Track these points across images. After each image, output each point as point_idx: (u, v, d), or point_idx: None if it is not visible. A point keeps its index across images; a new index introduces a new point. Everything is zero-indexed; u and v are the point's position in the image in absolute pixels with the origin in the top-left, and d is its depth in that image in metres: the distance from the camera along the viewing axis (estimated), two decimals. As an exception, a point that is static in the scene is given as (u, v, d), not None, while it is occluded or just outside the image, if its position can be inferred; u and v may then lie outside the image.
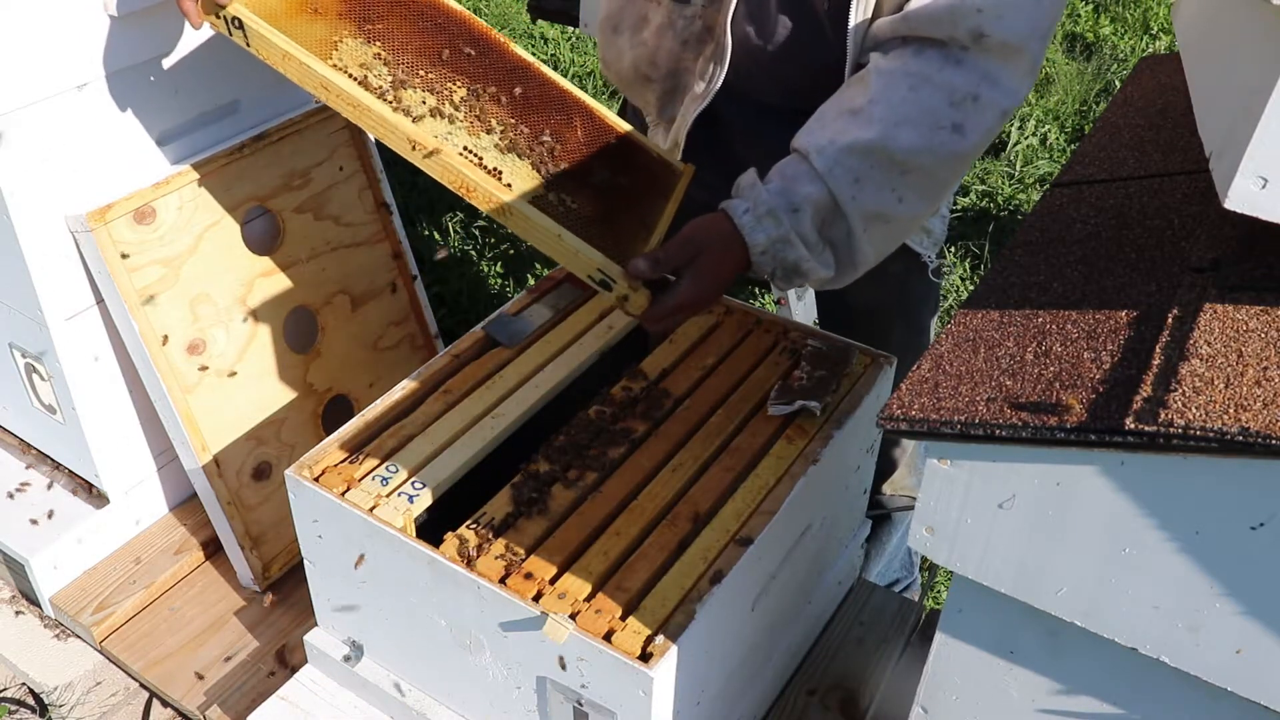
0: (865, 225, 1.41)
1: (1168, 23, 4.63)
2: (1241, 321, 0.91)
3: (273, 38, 1.35)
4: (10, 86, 1.42)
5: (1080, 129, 4.04)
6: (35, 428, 1.82)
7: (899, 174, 1.38)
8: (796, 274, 1.44)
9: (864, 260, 1.46)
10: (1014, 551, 0.93)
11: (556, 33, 4.61)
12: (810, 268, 1.43)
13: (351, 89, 1.36)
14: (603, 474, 1.38)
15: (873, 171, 1.38)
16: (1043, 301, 1.04)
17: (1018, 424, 0.87)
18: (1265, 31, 0.90)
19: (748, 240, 1.40)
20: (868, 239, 1.43)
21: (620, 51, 1.72)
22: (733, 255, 1.40)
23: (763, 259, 1.41)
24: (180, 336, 1.64)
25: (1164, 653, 0.90)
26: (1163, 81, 1.46)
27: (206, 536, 1.81)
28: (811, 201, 1.39)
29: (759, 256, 1.40)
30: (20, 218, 1.49)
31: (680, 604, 1.22)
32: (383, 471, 1.37)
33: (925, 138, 1.36)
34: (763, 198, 1.39)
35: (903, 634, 1.68)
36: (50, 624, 1.76)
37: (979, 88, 1.36)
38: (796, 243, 1.40)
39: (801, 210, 1.39)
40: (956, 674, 1.06)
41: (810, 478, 1.38)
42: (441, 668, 1.38)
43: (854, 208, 1.39)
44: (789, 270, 1.43)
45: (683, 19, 1.59)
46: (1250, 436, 0.78)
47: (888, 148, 1.36)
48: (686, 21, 1.59)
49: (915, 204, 1.41)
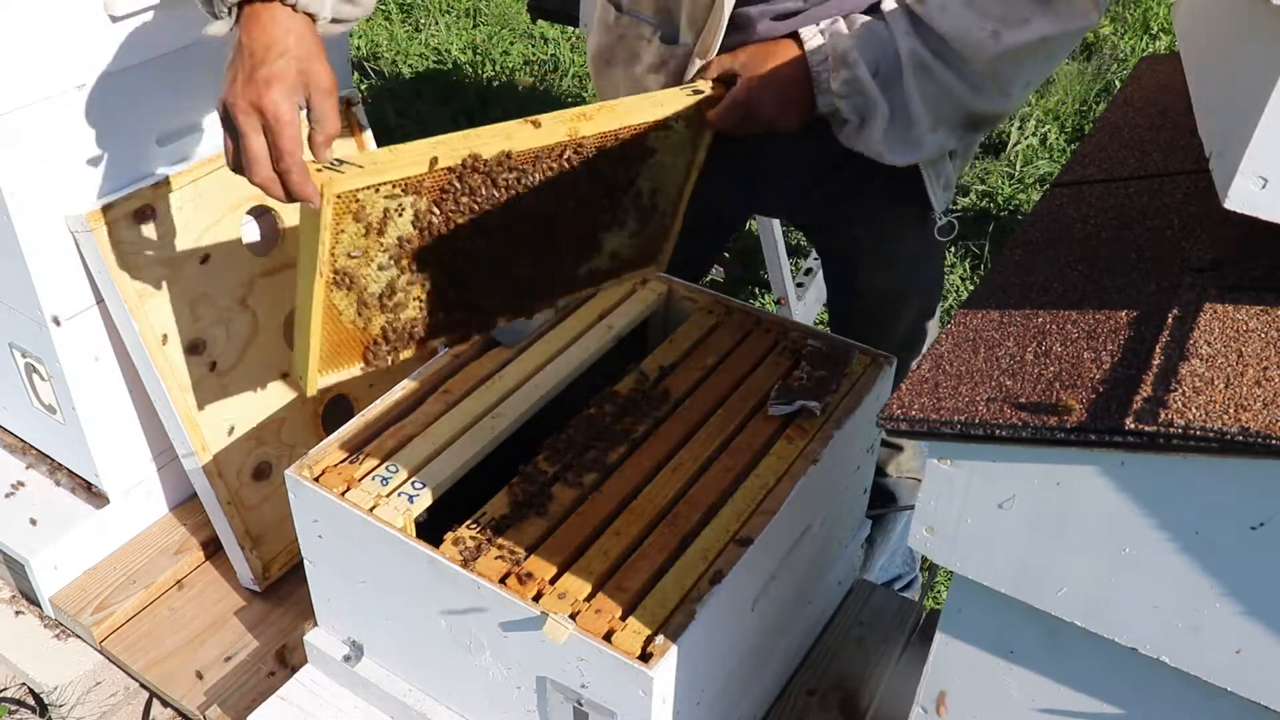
0: (914, 69, 1.45)
1: (1168, 23, 4.63)
2: (1241, 321, 0.91)
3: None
4: (10, 86, 1.42)
5: (1080, 129, 4.04)
6: (35, 428, 1.82)
7: (942, 42, 1.44)
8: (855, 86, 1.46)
9: (915, 111, 1.48)
10: (1014, 551, 0.93)
11: (556, 32, 4.61)
12: (863, 74, 1.45)
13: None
14: (603, 474, 1.38)
15: (922, 29, 1.44)
16: (1043, 301, 1.04)
17: (1018, 424, 0.87)
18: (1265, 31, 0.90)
19: (801, 34, 1.46)
20: (916, 85, 1.46)
21: (615, 83, 1.72)
22: (786, 45, 1.47)
23: (816, 55, 1.45)
24: (180, 336, 1.63)
25: (1164, 653, 0.90)
26: (1163, 81, 1.46)
27: (206, 536, 1.81)
28: (869, 26, 1.45)
29: (813, 54, 1.45)
30: (20, 218, 1.49)
31: (680, 604, 1.22)
32: (383, 471, 1.37)
33: (962, 30, 1.43)
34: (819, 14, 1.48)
35: (903, 634, 1.68)
36: (50, 624, 1.76)
37: (1033, 13, 1.42)
38: (846, 37, 1.45)
39: (855, 23, 1.46)
40: (956, 674, 1.06)
41: (810, 478, 1.38)
42: (441, 668, 1.38)
43: (905, 43, 1.45)
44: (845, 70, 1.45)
45: (674, 58, 1.60)
46: (1250, 436, 0.78)
47: (928, 23, 1.43)
48: (678, 60, 1.60)
49: (958, 76, 1.46)
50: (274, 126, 1.21)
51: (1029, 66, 1.47)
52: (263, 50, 1.22)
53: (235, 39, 1.25)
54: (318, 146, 1.26)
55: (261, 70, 1.21)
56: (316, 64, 1.25)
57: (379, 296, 1.32)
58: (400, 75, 4.37)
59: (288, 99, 1.21)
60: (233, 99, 1.22)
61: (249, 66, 1.22)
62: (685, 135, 1.48)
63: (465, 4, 4.94)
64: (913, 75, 1.46)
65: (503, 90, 4.25)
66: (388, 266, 1.29)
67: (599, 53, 1.74)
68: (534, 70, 4.40)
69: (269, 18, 1.24)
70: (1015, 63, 1.45)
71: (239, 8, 1.25)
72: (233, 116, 1.22)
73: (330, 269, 1.25)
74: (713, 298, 1.68)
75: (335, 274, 1.25)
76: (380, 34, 4.67)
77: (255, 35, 1.23)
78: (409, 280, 1.33)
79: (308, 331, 1.28)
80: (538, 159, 1.33)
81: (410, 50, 4.52)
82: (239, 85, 1.22)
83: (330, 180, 1.18)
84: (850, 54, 1.45)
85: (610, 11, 1.70)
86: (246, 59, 1.22)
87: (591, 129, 1.36)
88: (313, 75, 1.24)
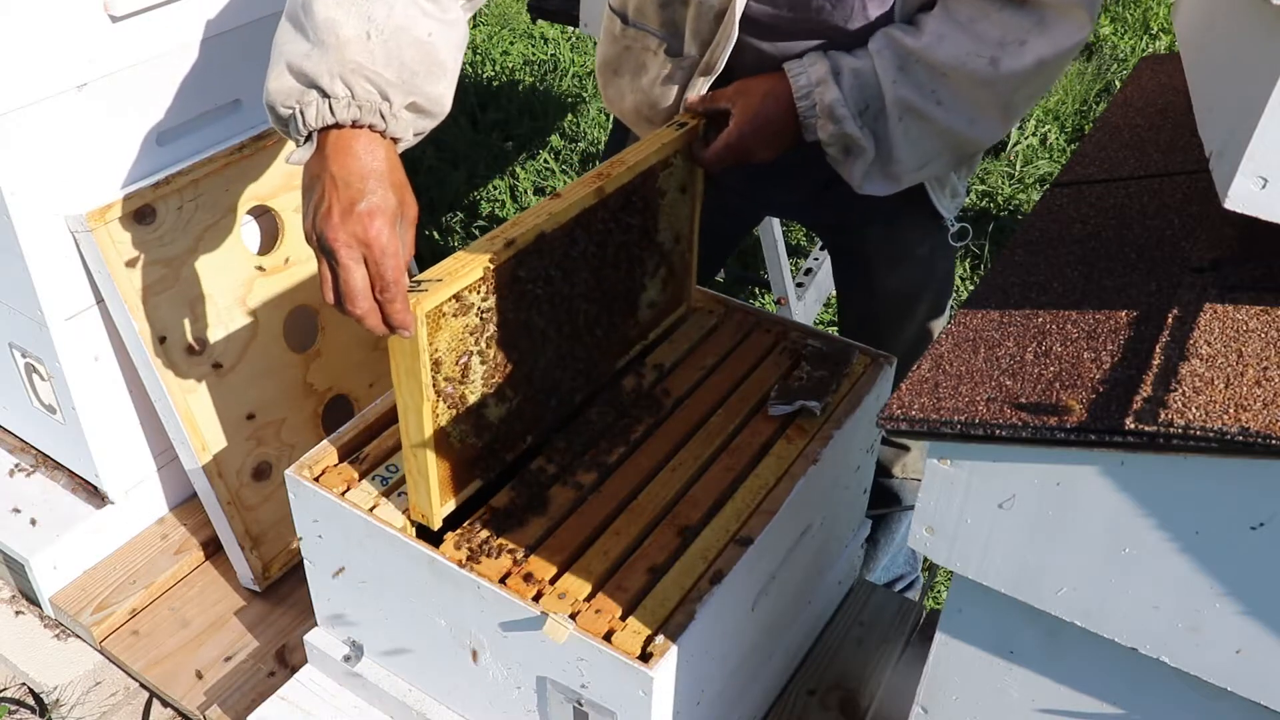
0: (900, 113, 1.45)
1: (1168, 23, 4.63)
2: (1241, 321, 0.91)
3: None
4: (10, 86, 1.42)
5: (1080, 129, 4.04)
6: (35, 428, 1.82)
7: (939, 76, 1.44)
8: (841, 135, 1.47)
9: (899, 154, 1.49)
10: (1014, 551, 0.93)
11: (556, 32, 4.61)
12: (850, 128, 1.46)
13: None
14: (603, 474, 1.38)
15: (915, 67, 1.44)
16: (1043, 301, 1.04)
17: (1018, 424, 0.87)
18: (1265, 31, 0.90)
19: (790, 77, 1.46)
20: (902, 130, 1.47)
21: (621, 93, 1.73)
22: (777, 88, 1.47)
23: (804, 103, 1.46)
24: (180, 336, 1.64)
25: (1164, 653, 0.90)
26: (1163, 81, 1.46)
27: (206, 536, 1.81)
28: (854, 69, 1.45)
29: (801, 100, 1.46)
30: (20, 218, 1.49)
31: (680, 604, 1.22)
32: (383, 471, 1.37)
33: (960, 59, 1.42)
34: (810, 57, 1.47)
35: (903, 634, 1.68)
36: (50, 624, 1.76)
37: (1029, 34, 1.41)
38: (834, 88, 1.45)
39: (843, 73, 1.45)
40: (956, 674, 1.06)
41: (810, 478, 1.38)
42: (441, 668, 1.38)
43: (892, 91, 1.44)
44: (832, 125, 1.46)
45: (680, 70, 1.60)
46: (1250, 436, 0.78)
47: (927, 57, 1.42)
48: (684, 72, 1.60)
49: (952, 111, 1.46)
50: (380, 260, 1.17)
51: (1025, 92, 1.47)
52: (360, 181, 1.18)
53: (317, 168, 1.21)
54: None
55: (363, 203, 1.17)
56: (409, 194, 1.23)
57: (477, 406, 1.31)
58: (400, 75, 4.35)
59: (391, 229, 1.18)
60: (332, 232, 1.17)
61: (347, 199, 1.17)
62: (683, 169, 1.51)
63: (465, 4, 4.93)
64: (899, 121, 1.46)
65: (503, 90, 4.25)
66: (476, 370, 1.29)
67: (606, 63, 1.75)
68: (534, 70, 4.39)
69: (360, 146, 1.20)
70: (1013, 89, 1.45)
71: (320, 132, 1.21)
72: (332, 250, 1.17)
73: (434, 391, 1.24)
74: (713, 298, 1.68)
75: (438, 395, 1.25)
76: (380, 34, 4.65)
77: (349, 165, 1.19)
78: (497, 382, 1.32)
79: (425, 462, 1.27)
80: (574, 229, 1.34)
81: (410, 50, 4.51)
82: (337, 218, 1.17)
83: (418, 301, 1.17)
84: (837, 108, 1.45)
85: (616, 23, 1.70)
86: (342, 190, 1.18)
87: (614, 185, 1.37)
88: (406, 206, 1.22)
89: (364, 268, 1.18)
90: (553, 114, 4.13)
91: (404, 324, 1.18)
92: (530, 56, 4.51)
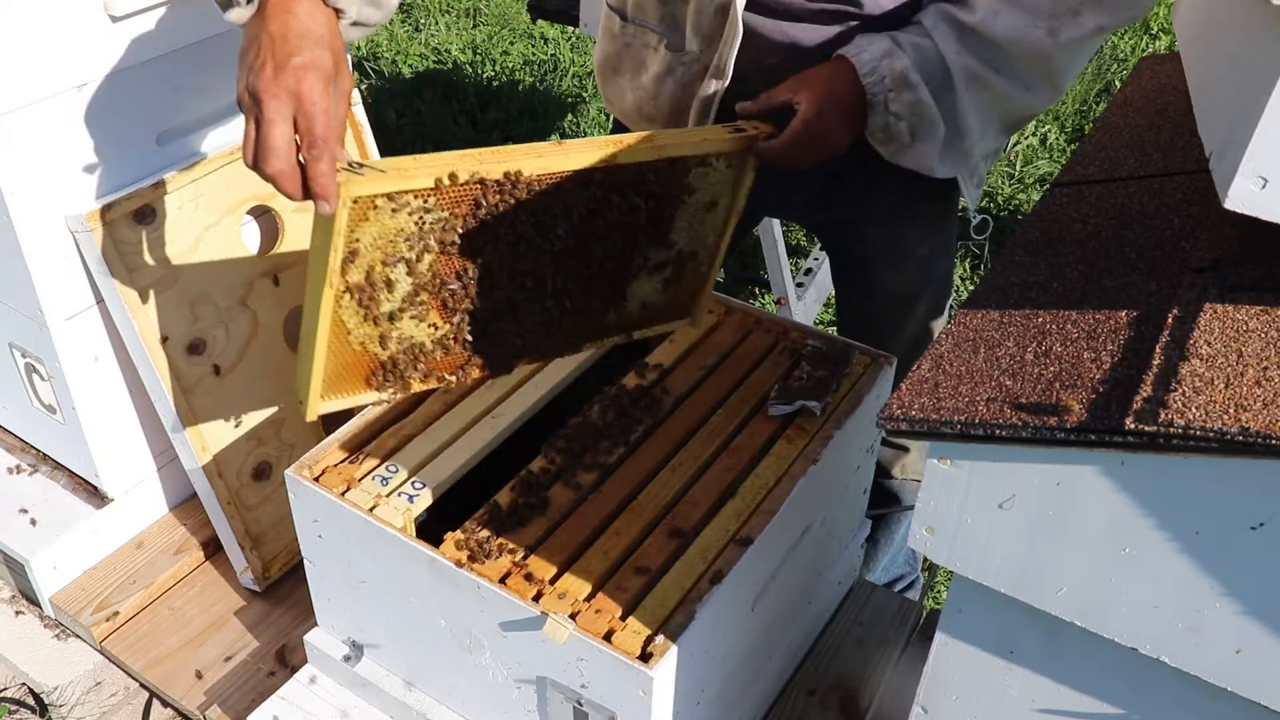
0: (966, 82, 1.43)
1: (1168, 23, 4.62)
2: (1241, 321, 0.91)
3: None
4: (10, 86, 1.42)
5: (1080, 129, 4.04)
6: (35, 428, 1.82)
7: (996, 49, 1.42)
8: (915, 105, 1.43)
9: (967, 124, 1.46)
10: (1014, 551, 0.93)
11: (556, 32, 4.61)
12: (924, 96, 1.42)
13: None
14: (603, 474, 1.38)
15: (972, 40, 1.42)
16: (1043, 301, 1.04)
17: (1018, 424, 0.87)
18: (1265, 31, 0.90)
19: (850, 57, 1.42)
20: (969, 99, 1.45)
21: (621, 92, 1.72)
22: (839, 69, 1.43)
23: (871, 78, 1.41)
24: (180, 336, 1.64)
25: (1164, 653, 0.90)
26: (1163, 81, 1.46)
27: (206, 536, 1.81)
28: (913, 43, 1.42)
29: (867, 75, 1.41)
30: (20, 218, 1.49)
31: (680, 604, 1.22)
32: (383, 471, 1.37)
33: (1018, 31, 1.40)
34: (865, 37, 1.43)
35: (903, 634, 1.68)
36: (50, 624, 1.76)
37: (1082, 4, 1.40)
38: (903, 56, 1.41)
39: (904, 47, 1.42)
40: (956, 674, 1.06)
41: (810, 478, 1.38)
42: (441, 668, 1.38)
43: (956, 60, 1.42)
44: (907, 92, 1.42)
45: (681, 65, 1.59)
46: (1250, 436, 0.78)
47: (984, 31, 1.41)
48: (685, 67, 1.59)
49: (1013, 80, 1.44)
50: (310, 112, 1.13)
51: (1081, 57, 1.47)
52: (296, 38, 1.16)
53: (255, 28, 1.19)
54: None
55: (297, 58, 1.14)
56: (345, 64, 1.20)
57: (389, 316, 1.24)
58: (400, 75, 4.37)
59: (324, 87, 1.15)
60: (262, 85, 1.13)
61: (282, 53, 1.14)
62: (726, 177, 1.42)
63: (465, 4, 4.94)
64: (965, 89, 1.44)
65: (503, 90, 4.25)
66: (402, 283, 1.21)
67: (605, 62, 1.74)
68: (534, 70, 4.39)
69: (300, 8, 1.18)
70: (1072, 56, 1.45)
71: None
72: (260, 102, 1.13)
73: (341, 281, 1.18)
74: (713, 298, 1.68)
75: (347, 287, 1.18)
76: (380, 34, 4.66)
77: (288, 23, 1.17)
78: (424, 303, 1.25)
79: (312, 350, 1.20)
80: (566, 185, 1.26)
81: (410, 50, 4.52)
82: (270, 72, 1.14)
83: (348, 181, 1.11)
84: (909, 74, 1.42)
85: (615, 20, 1.70)
86: (278, 45, 1.15)
87: (628, 157, 1.30)
88: (341, 73, 1.19)
89: (290, 126, 1.14)
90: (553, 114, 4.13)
91: (324, 193, 1.13)
92: (530, 56, 4.51)
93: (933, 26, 1.43)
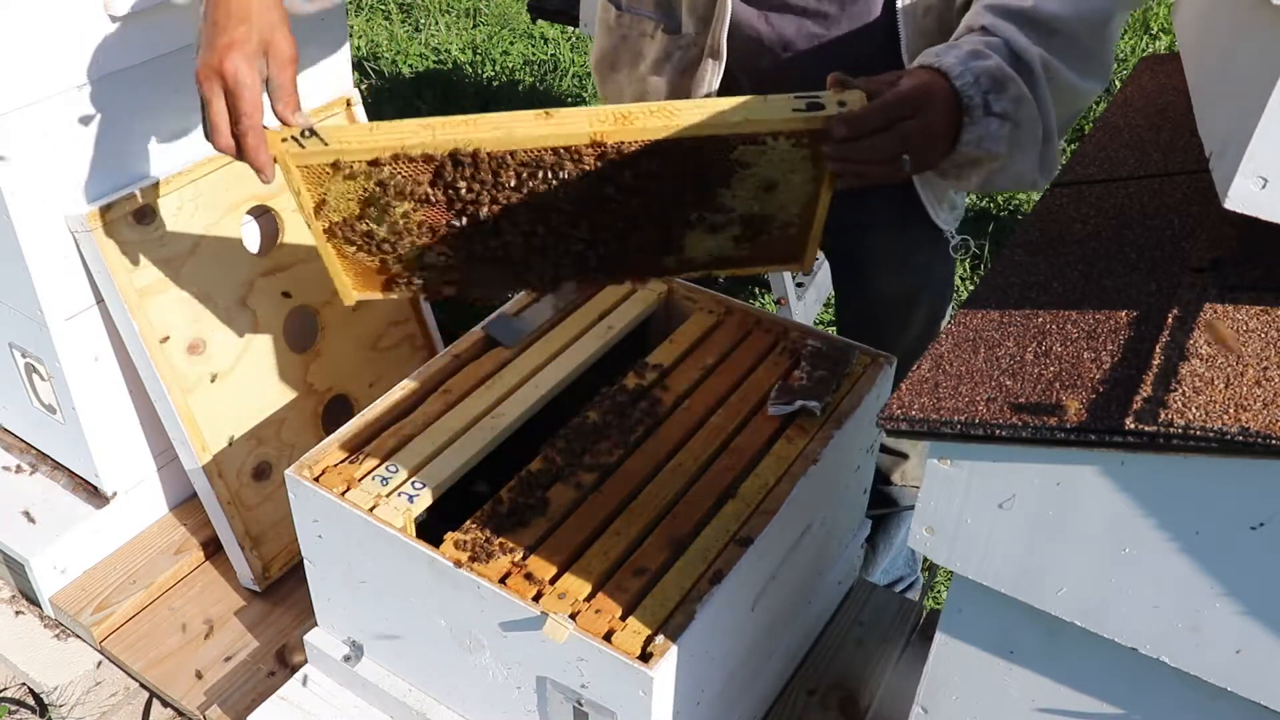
0: (1047, 74, 1.34)
1: (1168, 23, 4.62)
2: (1241, 321, 0.91)
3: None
4: (10, 86, 1.42)
5: (1080, 129, 4.04)
6: (35, 427, 1.82)
7: (1054, 32, 1.35)
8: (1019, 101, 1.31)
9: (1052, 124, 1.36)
10: (1014, 551, 0.93)
11: (556, 32, 4.61)
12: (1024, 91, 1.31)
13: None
14: (603, 474, 1.38)
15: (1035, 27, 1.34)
16: (1043, 301, 1.04)
17: (1018, 424, 0.87)
18: (1265, 31, 0.90)
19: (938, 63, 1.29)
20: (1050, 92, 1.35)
21: (620, 88, 1.72)
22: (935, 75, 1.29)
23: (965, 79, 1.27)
24: (180, 336, 1.63)
25: (1164, 653, 0.90)
26: (1163, 81, 1.46)
27: (206, 536, 1.81)
28: (991, 45, 1.32)
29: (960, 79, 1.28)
30: (20, 218, 1.49)
31: (680, 604, 1.22)
32: (383, 471, 1.37)
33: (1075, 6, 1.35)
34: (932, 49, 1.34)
35: (903, 634, 1.68)
36: (50, 624, 1.76)
37: None
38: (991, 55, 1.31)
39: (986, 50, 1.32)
40: (956, 674, 1.06)
41: (810, 478, 1.38)
42: (441, 668, 1.38)
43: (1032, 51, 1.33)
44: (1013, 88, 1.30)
45: (679, 49, 1.60)
46: (1250, 436, 0.78)
47: (1041, 12, 1.34)
48: (683, 51, 1.59)
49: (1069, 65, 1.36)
50: (234, 90, 1.23)
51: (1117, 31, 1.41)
52: (225, 18, 1.24)
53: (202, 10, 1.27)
54: (285, 117, 1.27)
55: (222, 37, 1.22)
56: (278, 34, 1.26)
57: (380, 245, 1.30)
58: (400, 75, 4.37)
59: (247, 63, 1.23)
60: (198, 67, 1.24)
61: (210, 34, 1.24)
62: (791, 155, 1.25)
63: (465, 4, 4.94)
64: (1046, 83, 1.34)
65: (503, 90, 4.25)
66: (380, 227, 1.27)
67: (602, 58, 1.74)
68: (534, 70, 4.39)
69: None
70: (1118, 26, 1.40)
71: None
72: (199, 84, 1.24)
73: (320, 226, 1.26)
74: (713, 298, 1.68)
75: (328, 229, 1.26)
76: (380, 34, 4.67)
77: (220, 4, 1.25)
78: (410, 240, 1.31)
79: (329, 259, 1.30)
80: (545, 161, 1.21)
81: (410, 50, 4.52)
82: (202, 53, 1.24)
83: (285, 152, 1.20)
84: (1004, 69, 1.30)
85: (611, 12, 1.70)
86: (208, 27, 1.24)
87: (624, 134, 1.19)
88: (273, 44, 1.25)
89: (224, 102, 1.23)
90: (553, 114, 4.13)
91: (258, 164, 1.23)
92: (530, 56, 4.51)
93: (991, 24, 1.34)
